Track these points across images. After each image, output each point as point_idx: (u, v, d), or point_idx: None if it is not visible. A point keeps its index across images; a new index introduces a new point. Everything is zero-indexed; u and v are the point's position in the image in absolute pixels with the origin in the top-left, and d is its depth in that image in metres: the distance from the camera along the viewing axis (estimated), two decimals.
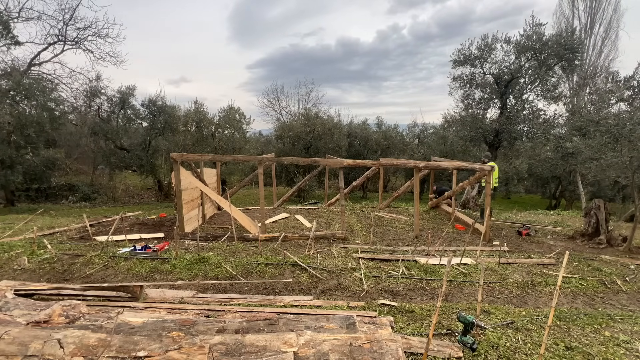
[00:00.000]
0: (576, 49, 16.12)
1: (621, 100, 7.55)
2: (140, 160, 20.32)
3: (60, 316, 2.57)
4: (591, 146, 7.53)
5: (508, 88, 17.33)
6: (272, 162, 11.76)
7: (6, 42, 17.31)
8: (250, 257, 5.50)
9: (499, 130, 17.59)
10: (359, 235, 7.55)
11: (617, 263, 5.88)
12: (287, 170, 21.73)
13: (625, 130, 6.60)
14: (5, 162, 15.20)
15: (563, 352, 2.98)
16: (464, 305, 4.13)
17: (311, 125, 22.14)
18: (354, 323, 2.57)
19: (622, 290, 4.81)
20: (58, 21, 18.80)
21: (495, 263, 5.57)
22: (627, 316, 3.85)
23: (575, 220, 10.35)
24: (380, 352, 2.17)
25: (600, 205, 7.52)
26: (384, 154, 22.83)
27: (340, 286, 4.66)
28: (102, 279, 4.85)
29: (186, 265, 5.12)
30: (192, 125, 22.33)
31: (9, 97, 16.22)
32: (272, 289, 4.61)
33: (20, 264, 5.22)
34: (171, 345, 2.14)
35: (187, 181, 7.47)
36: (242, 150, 22.58)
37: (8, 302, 2.89)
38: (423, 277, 4.95)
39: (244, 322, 2.58)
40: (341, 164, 7.68)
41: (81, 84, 20.18)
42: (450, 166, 8.79)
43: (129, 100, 20.25)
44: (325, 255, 5.80)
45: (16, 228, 7.77)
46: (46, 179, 17.81)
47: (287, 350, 2.14)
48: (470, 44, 17.14)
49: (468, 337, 2.82)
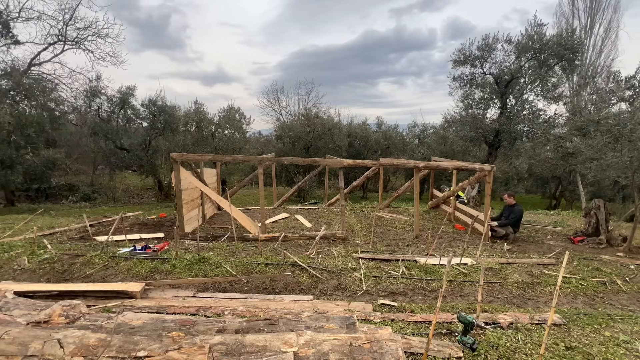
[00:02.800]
0: (576, 49, 16.10)
1: (622, 100, 7.54)
2: (140, 160, 20.32)
3: (60, 316, 2.57)
4: (591, 146, 7.52)
5: (508, 88, 17.32)
6: (272, 162, 11.76)
7: (6, 42, 17.33)
8: (250, 257, 5.50)
9: (499, 130, 17.58)
10: (359, 235, 7.55)
11: (617, 263, 5.88)
12: (287, 170, 21.74)
13: (625, 130, 6.59)
14: (5, 162, 15.20)
15: (563, 352, 2.98)
16: (464, 305, 4.13)
17: (311, 125, 22.15)
18: (354, 323, 2.57)
19: (622, 290, 4.81)
20: (58, 21, 18.77)
21: (495, 263, 5.57)
22: (627, 316, 3.85)
23: (575, 220, 10.36)
24: (380, 352, 2.17)
25: (600, 205, 7.52)
26: (384, 154, 22.84)
27: (340, 286, 4.66)
28: (102, 279, 4.85)
29: (186, 265, 5.11)
30: (192, 125, 22.36)
31: (9, 97, 16.22)
32: (272, 288, 4.61)
33: (20, 264, 5.22)
34: (171, 345, 2.14)
35: (187, 181, 7.47)
36: (242, 150, 22.60)
37: (8, 302, 2.89)
38: (423, 277, 4.95)
39: (244, 322, 2.58)
40: (341, 164, 7.68)
41: (81, 84, 20.19)
42: (450, 166, 8.79)
43: (129, 100, 20.26)
44: (325, 255, 5.80)
45: (16, 228, 7.77)
46: (46, 179, 17.82)
47: (287, 350, 2.14)
48: (471, 44, 17.12)
49: (468, 337, 2.82)
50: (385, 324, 3.43)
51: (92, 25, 19.53)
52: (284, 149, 21.91)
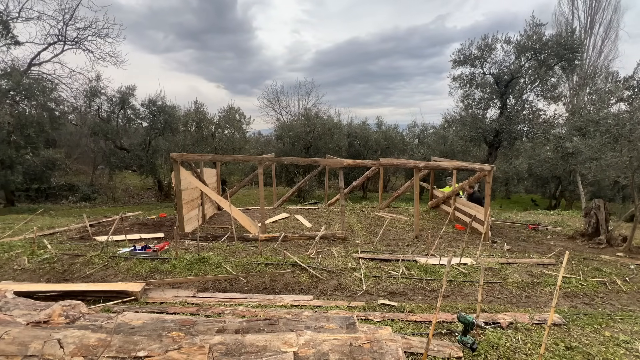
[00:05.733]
0: (576, 49, 16.11)
1: (621, 100, 7.55)
2: (140, 160, 20.32)
3: (60, 316, 2.56)
4: (591, 146, 7.53)
5: (508, 88, 17.32)
6: (272, 162, 11.76)
7: (6, 42, 17.30)
8: (250, 257, 5.50)
9: (499, 130, 17.58)
10: (359, 235, 7.55)
11: (617, 263, 5.88)
12: (287, 170, 21.73)
13: (625, 130, 6.60)
14: (5, 162, 15.19)
15: (563, 352, 2.98)
16: (464, 305, 4.13)
17: (311, 125, 22.15)
18: (354, 323, 2.57)
19: (622, 290, 4.81)
20: (58, 21, 18.77)
21: (495, 263, 5.57)
22: (627, 316, 3.85)
23: (575, 220, 10.35)
24: (380, 352, 2.17)
25: (600, 205, 7.52)
26: (384, 154, 22.84)
27: (340, 286, 4.67)
28: (102, 279, 4.85)
29: (186, 265, 5.11)
30: (192, 125, 22.35)
31: (9, 97, 16.22)
32: (272, 288, 4.61)
33: (20, 264, 5.22)
34: (171, 345, 2.14)
35: (187, 181, 7.47)
36: (242, 150, 22.59)
37: (8, 302, 2.89)
38: (423, 277, 4.95)
39: (244, 322, 2.58)
40: (341, 164, 7.68)
41: (81, 84, 20.18)
42: (450, 166, 8.79)
43: (129, 100, 20.26)
44: (325, 255, 5.80)
45: (16, 228, 7.77)
46: (46, 179, 17.81)
47: (287, 350, 2.14)
48: (470, 44, 17.13)
49: (468, 337, 2.82)
50: (385, 323, 3.44)
51: (92, 25, 19.55)
52: (284, 149, 21.91)
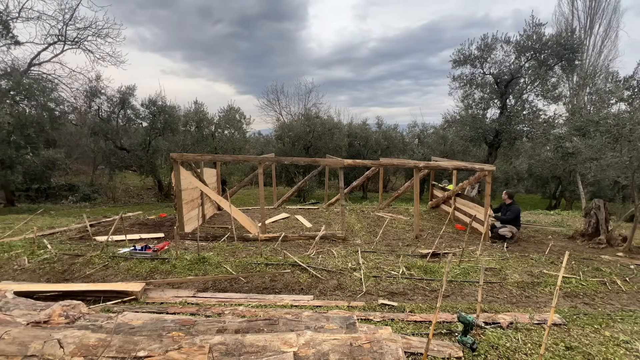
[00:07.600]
0: (576, 49, 16.09)
1: (621, 100, 7.53)
2: (140, 160, 20.32)
3: (60, 316, 2.56)
4: (591, 146, 7.52)
5: (508, 88, 17.31)
6: (272, 162, 11.76)
7: (6, 42, 17.28)
8: (250, 257, 5.50)
9: (499, 130, 17.57)
10: (359, 235, 7.55)
11: (617, 263, 5.88)
12: (287, 170, 21.73)
13: (625, 130, 6.59)
14: (5, 162, 15.19)
15: (563, 352, 2.98)
16: (464, 305, 4.13)
17: (311, 125, 22.15)
18: (354, 323, 2.57)
19: (622, 290, 4.81)
20: (58, 21, 18.73)
21: (495, 263, 5.57)
22: (627, 316, 3.85)
23: (575, 220, 10.35)
24: (380, 352, 2.17)
25: (600, 205, 7.52)
26: (384, 154, 22.84)
27: (340, 286, 4.67)
28: (102, 279, 4.85)
29: (186, 265, 5.11)
30: (192, 125, 22.35)
31: (9, 97, 16.21)
32: (272, 288, 4.61)
33: (20, 264, 5.22)
34: (171, 345, 2.14)
35: (187, 181, 7.47)
36: (242, 150, 22.59)
37: (8, 302, 2.89)
38: (423, 277, 4.95)
39: (244, 322, 2.58)
40: (341, 164, 7.68)
41: (81, 84, 20.17)
42: (450, 166, 8.79)
43: (128, 100, 20.26)
44: (325, 255, 5.80)
45: (16, 228, 7.77)
46: (46, 179, 17.81)
47: (287, 350, 2.14)
48: (470, 44, 17.11)
49: (468, 337, 2.82)
50: (385, 323, 3.44)
51: (92, 25, 19.54)
52: (284, 149, 21.90)
